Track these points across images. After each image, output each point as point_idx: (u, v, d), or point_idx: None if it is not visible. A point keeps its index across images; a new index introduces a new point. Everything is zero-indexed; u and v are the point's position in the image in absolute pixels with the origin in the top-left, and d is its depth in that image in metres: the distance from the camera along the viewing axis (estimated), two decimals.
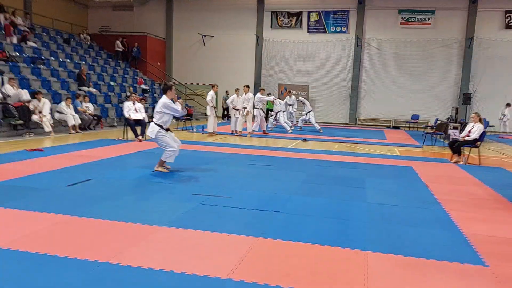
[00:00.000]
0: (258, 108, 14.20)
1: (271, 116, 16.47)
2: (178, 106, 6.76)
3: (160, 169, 6.83)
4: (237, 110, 13.76)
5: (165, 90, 6.86)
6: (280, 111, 15.78)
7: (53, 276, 2.93)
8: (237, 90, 13.96)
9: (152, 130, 6.65)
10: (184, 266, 3.17)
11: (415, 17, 20.57)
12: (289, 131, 15.11)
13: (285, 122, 15.64)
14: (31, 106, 11.17)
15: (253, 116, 14.13)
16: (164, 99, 6.70)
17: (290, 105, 18.48)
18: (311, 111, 16.37)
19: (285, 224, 4.33)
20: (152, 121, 6.72)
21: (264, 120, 14.45)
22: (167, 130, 6.80)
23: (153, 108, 17.28)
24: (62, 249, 3.41)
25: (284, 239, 3.84)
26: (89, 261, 3.20)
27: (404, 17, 20.69)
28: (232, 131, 14.03)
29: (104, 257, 3.28)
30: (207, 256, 3.40)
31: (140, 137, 10.84)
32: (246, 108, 13.57)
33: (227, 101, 14.38)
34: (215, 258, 3.37)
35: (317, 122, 16.22)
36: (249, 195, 5.54)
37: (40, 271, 3.01)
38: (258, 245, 3.70)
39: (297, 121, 17.88)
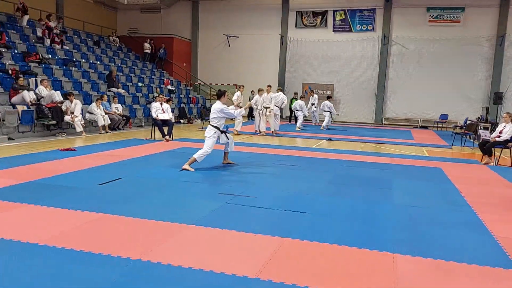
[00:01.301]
0: (277, 107, 14.34)
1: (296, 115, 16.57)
2: (232, 110, 7.39)
3: (187, 167, 6.98)
4: (260, 110, 13.93)
5: (219, 96, 7.39)
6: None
7: (88, 272, 3.05)
8: (260, 90, 14.10)
9: (208, 130, 7.25)
10: (212, 264, 3.24)
11: (444, 15, 20.11)
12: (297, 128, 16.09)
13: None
14: (63, 107, 11.53)
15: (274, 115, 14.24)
16: (219, 105, 7.21)
17: (312, 104, 18.46)
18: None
19: (311, 225, 4.35)
20: (210, 124, 7.30)
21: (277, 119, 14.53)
22: (223, 132, 7.33)
23: (179, 108, 17.68)
24: (96, 246, 3.53)
25: (311, 240, 3.86)
26: (121, 258, 3.31)
27: (433, 15, 20.26)
28: (256, 130, 14.16)
29: (135, 254, 3.38)
30: (234, 255, 3.46)
31: (167, 137, 11.02)
32: (269, 107, 13.70)
33: (251, 101, 14.50)
34: (242, 258, 3.42)
35: (343, 122, 16.13)
36: (275, 195, 5.58)
37: (76, 268, 3.13)
38: (285, 245, 3.73)
39: (321, 121, 17.81)
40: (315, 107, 18.29)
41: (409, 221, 4.60)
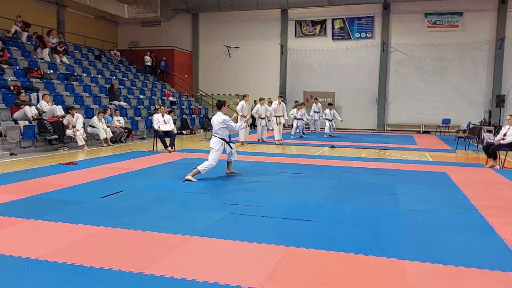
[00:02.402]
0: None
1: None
2: (233, 123, 7.26)
3: (190, 178, 6.92)
4: (262, 119, 13.98)
5: (219, 107, 7.28)
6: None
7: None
8: (261, 99, 14.14)
9: (215, 142, 7.10)
10: (216, 276, 3.17)
11: (442, 20, 20.13)
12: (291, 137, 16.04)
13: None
14: (65, 121, 11.53)
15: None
16: (221, 116, 7.13)
17: (316, 112, 18.43)
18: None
19: (316, 233, 4.28)
20: (214, 135, 7.17)
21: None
22: (228, 143, 7.25)
23: (181, 119, 17.69)
24: (97, 260, 3.47)
25: (317, 248, 3.79)
26: (123, 271, 3.24)
27: (431, 21, 20.28)
28: (259, 139, 14.19)
29: (137, 267, 3.31)
30: (239, 266, 3.39)
31: (169, 148, 10.99)
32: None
33: (252, 111, 14.52)
34: (247, 268, 3.35)
35: (345, 129, 16.02)
36: (279, 203, 5.52)
37: (77, 283, 3.06)
38: (290, 254, 3.66)
39: (322, 128, 17.78)
40: (320, 115, 18.21)
41: (415, 226, 4.53)
